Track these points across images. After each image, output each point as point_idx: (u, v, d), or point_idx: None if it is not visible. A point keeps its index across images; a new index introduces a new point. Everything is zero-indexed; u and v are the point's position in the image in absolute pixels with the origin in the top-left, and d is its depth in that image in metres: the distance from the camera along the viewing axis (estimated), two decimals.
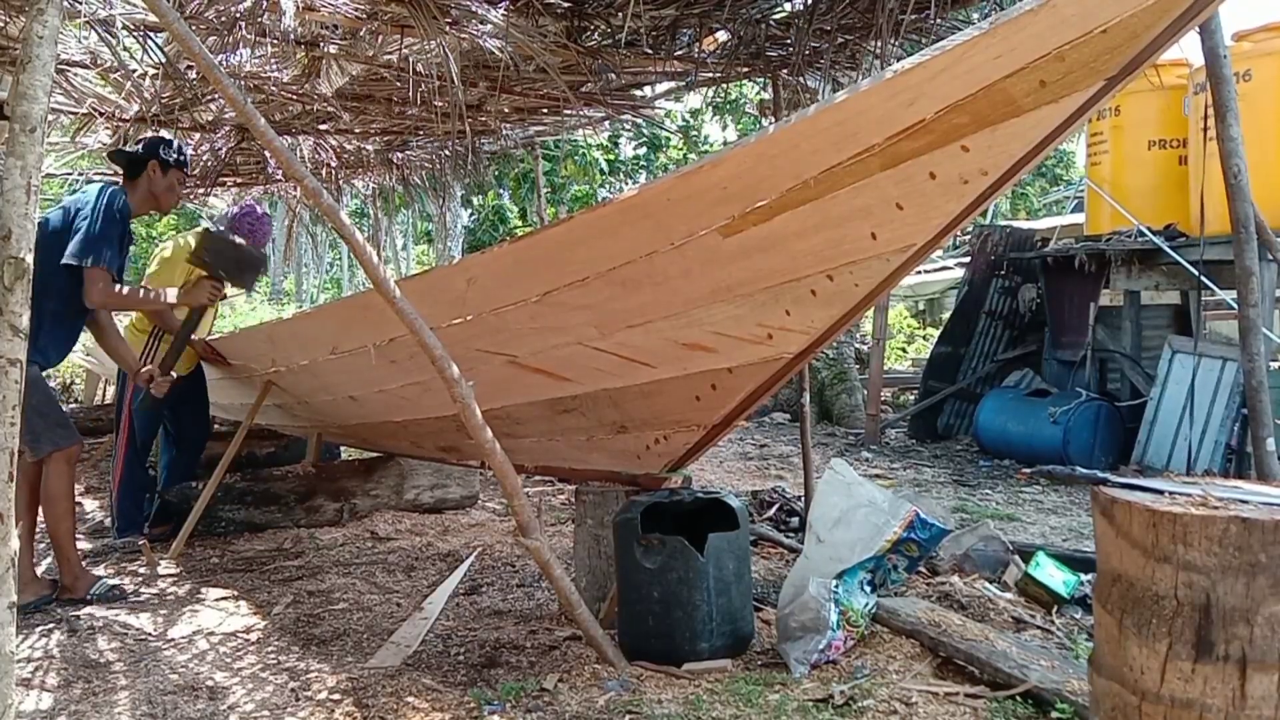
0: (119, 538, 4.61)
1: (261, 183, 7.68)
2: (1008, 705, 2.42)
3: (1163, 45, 1.86)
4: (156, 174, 3.99)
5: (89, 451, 6.66)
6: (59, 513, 3.73)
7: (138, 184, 4.00)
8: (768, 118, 6.77)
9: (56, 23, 1.89)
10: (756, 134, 2.44)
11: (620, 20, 4.07)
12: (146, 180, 4.01)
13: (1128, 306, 7.33)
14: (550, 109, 5.92)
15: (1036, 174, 23.43)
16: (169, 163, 4.02)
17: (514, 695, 2.54)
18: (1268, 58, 6.11)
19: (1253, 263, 3.96)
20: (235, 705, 2.65)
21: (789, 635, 2.79)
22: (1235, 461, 5.82)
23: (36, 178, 1.83)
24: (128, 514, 4.70)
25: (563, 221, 2.98)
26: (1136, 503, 1.82)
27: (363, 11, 3.96)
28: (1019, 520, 5.06)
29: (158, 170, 4.00)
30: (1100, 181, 7.47)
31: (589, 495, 3.34)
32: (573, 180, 18.11)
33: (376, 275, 2.54)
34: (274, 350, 4.66)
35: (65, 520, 3.76)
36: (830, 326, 2.53)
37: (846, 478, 3.13)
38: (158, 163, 3.99)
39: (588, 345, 2.98)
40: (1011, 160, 2.06)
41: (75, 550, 3.82)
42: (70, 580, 3.74)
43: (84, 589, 3.73)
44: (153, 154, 4.00)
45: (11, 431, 1.79)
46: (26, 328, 1.84)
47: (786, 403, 9.90)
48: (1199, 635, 1.71)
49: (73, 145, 6.20)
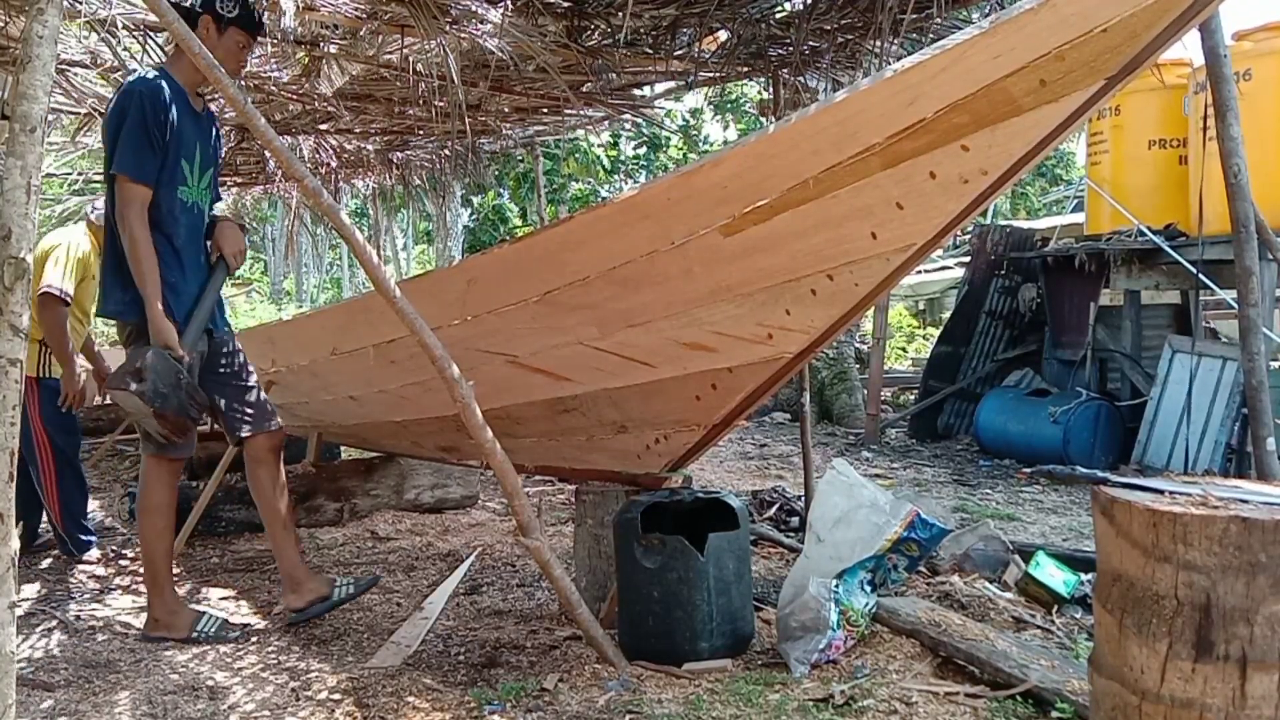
0: (81, 553, 4.24)
1: (261, 182, 7.68)
2: (1008, 705, 2.42)
3: (1163, 45, 1.86)
4: (211, 32, 3.07)
5: (89, 451, 6.66)
6: (158, 528, 3.23)
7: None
8: (768, 117, 6.78)
9: (56, 23, 1.89)
10: (756, 134, 2.44)
11: (620, 20, 4.07)
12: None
13: (1128, 306, 7.33)
14: (550, 109, 5.92)
15: (1036, 174, 23.41)
16: (226, 18, 3.12)
17: (514, 695, 2.54)
18: (1268, 57, 6.11)
19: (1253, 262, 3.96)
20: (235, 705, 2.65)
21: (789, 635, 2.79)
22: (1235, 461, 5.82)
23: (36, 178, 1.83)
24: (77, 530, 4.28)
25: (563, 221, 2.99)
26: (1137, 502, 1.82)
27: (363, 11, 3.96)
28: (1019, 520, 5.06)
29: (212, 28, 3.10)
30: (1100, 181, 7.47)
31: (589, 495, 3.34)
32: (573, 179, 18.10)
33: (376, 275, 2.54)
34: (274, 350, 4.66)
35: (163, 539, 3.25)
36: (830, 326, 2.53)
37: (847, 477, 3.13)
38: (212, 18, 3.10)
39: (588, 345, 2.98)
40: (1011, 160, 2.06)
41: (171, 577, 3.29)
42: (164, 614, 3.22)
43: (185, 627, 3.20)
44: (208, 7, 3.12)
45: (11, 431, 1.79)
46: (27, 327, 1.85)
47: (786, 402, 9.90)
48: (1199, 635, 1.71)
49: (73, 145, 6.21)
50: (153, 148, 3.01)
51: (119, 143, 3.00)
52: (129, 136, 2.99)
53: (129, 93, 3.04)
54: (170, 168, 3.06)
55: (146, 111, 3.00)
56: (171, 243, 3.09)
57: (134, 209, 2.99)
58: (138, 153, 2.99)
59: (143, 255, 2.96)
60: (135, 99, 3.01)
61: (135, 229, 2.99)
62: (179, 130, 3.06)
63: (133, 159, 2.99)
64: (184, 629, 3.19)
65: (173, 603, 3.26)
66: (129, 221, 2.99)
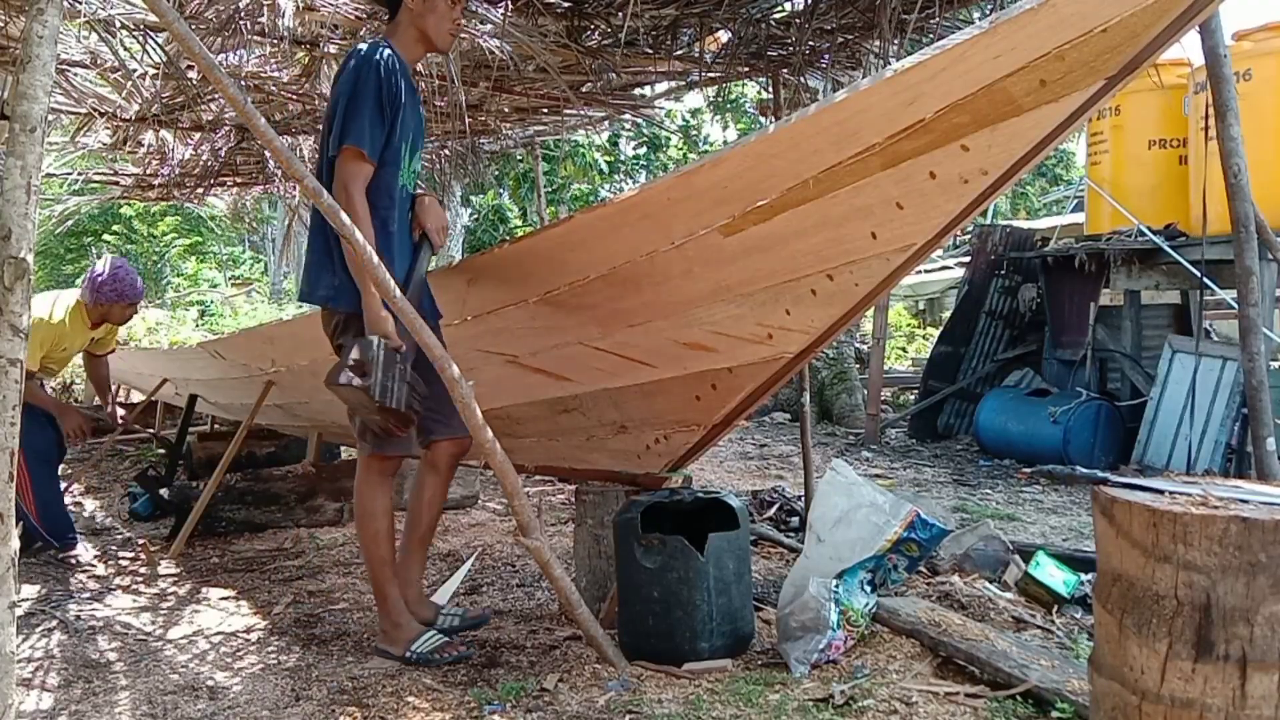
0: (64, 549, 4.27)
1: (261, 182, 7.69)
2: (1008, 705, 2.42)
3: (1163, 45, 1.86)
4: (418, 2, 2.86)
5: (89, 451, 6.66)
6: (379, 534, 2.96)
7: (399, 24, 2.91)
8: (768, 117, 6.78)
9: (56, 23, 1.89)
10: (756, 134, 2.44)
11: (620, 20, 4.07)
12: (407, 14, 2.89)
13: (1128, 306, 7.33)
14: (550, 109, 5.92)
15: (1036, 174, 23.41)
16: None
17: (514, 695, 2.54)
18: (1268, 57, 6.11)
19: (1253, 262, 3.96)
20: (235, 705, 2.65)
21: (789, 635, 2.79)
22: (1235, 461, 5.82)
23: (36, 178, 1.83)
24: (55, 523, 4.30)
25: (563, 221, 2.99)
26: (1137, 502, 1.82)
27: (363, 11, 3.96)
28: (1019, 520, 5.06)
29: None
30: (1100, 181, 7.47)
31: (589, 495, 3.34)
32: (573, 180, 18.11)
33: (377, 275, 2.54)
34: (274, 350, 4.66)
35: (384, 545, 2.97)
36: (830, 326, 2.53)
37: (847, 478, 3.13)
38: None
39: (588, 345, 2.98)
40: (1011, 160, 2.06)
41: (395, 586, 2.98)
42: (388, 626, 2.94)
43: (402, 644, 2.89)
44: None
45: (11, 431, 1.79)
46: (27, 327, 1.85)
47: (786, 403, 9.90)
48: (1199, 635, 1.71)
49: (73, 145, 6.20)
50: (383, 123, 2.76)
51: (350, 113, 2.72)
52: (363, 107, 2.72)
53: (367, 60, 2.76)
54: (394, 147, 2.83)
55: (383, 84, 2.73)
56: (387, 227, 2.83)
57: (358, 185, 2.73)
58: (372, 126, 2.73)
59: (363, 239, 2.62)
60: (373, 69, 2.74)
61: (360, 208, 2.70)
62: (404, 109, 2.82)
63: (366, 132, 2.72)
64: (400, 646, 2.89)
65: (396, 615, 2.93)
66: (354, 200, 2.70)
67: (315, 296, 2.92)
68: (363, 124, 2.71)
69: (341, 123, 2.73)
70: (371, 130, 2.73)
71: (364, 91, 2.72)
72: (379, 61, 2.74)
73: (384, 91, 2.74)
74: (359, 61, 2.76)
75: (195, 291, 15.53)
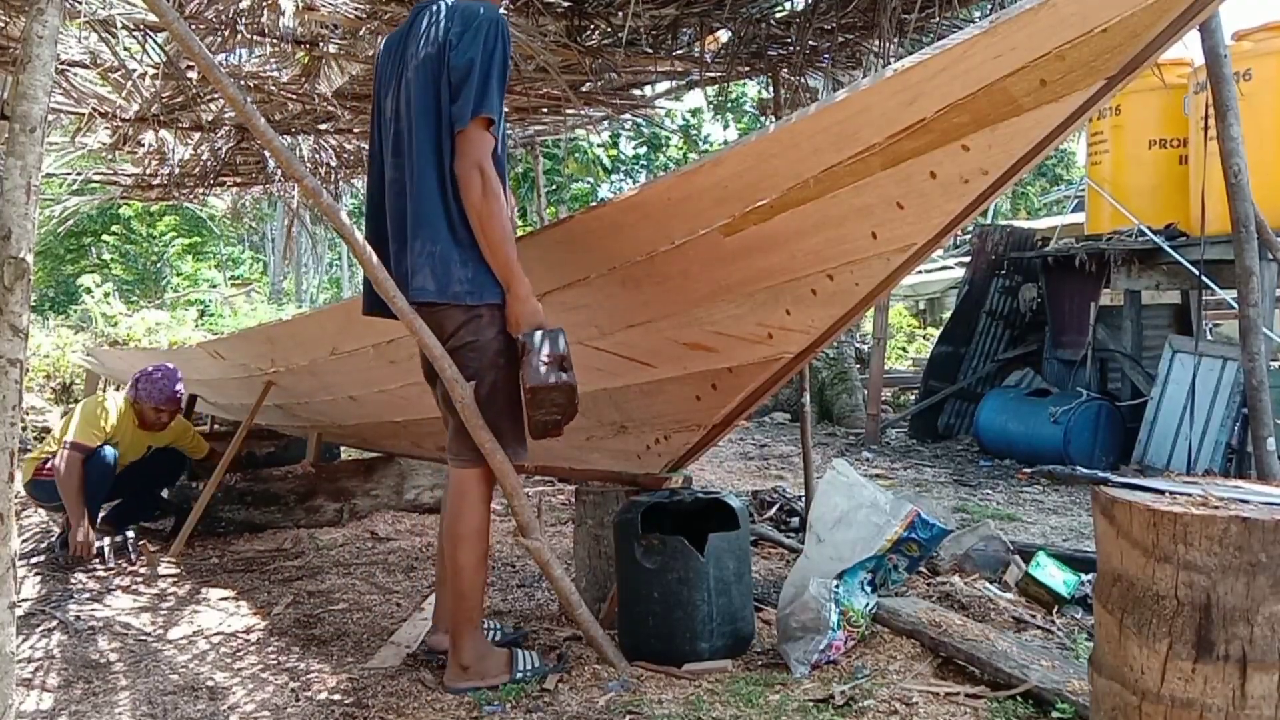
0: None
1: (261, 182, 7.68)
2: (1008, 705, 2.42)
3: (1163, 45, 1.85)
4: None
5: None
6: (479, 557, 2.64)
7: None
8: (768, 117, 6.77)
9: (56, 23, 1.89)
10: (757, 133, 2.44)
11: (620, 19, 4.07)
12: None
13: (1128, 306, 7.33)
14: (550, 108, 5.92)
15: (1037, 173, 23.43)
16: None
17: (514, 695, 2.54)
18: (1268, 57, 6.11)
19: (1253, 262, 3.96)
20: (235, 705, 2.65)
21: (789, 635, 2.79)
22: (1236, 461, 5.82)
23: (36, 178, 1.83)
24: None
25: (563, 221, 2.98)
26: (1137, 502, 1.82)
27: (363, 11, 3.96)
28: (1019, 520, 5.06)
29: None
30: (1100, 181, 7.47)
31: (589, 495, 3.34)
32: (573, 179, 18.14)
33: (376, 275, 2.53)
34: (274, 350, 4.66)
35: (481, 570, 2.66)
36: (830, 326, 2.53)
37: (848, 478, 3.13)
38: None
39: (588, 345, 2.98)
40: (1012, 160, 2.06)
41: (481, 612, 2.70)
42: (474, 659, 2.61)
43: (502, 669, 2.62)
44: None
45: (12, 431, 1.79)
46: (27, 327, 1.84)
47: (786, 403, 9.90)
48: (1199, 635, 1.71)
49: (73, 145, 6.20)
50: (503, 92, 2.48)
51: (487, 80, 2.40)
52: (497, 74, 2.42)
53: (497, 23, 2.45)
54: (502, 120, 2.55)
55: (508, 50, 2.46)
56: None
57: (490, 162, 2.41)
58: (500, 97, 2.45)
59: (504, 221, 2.36)
60: (505, 34, 2.45)
61: (498, 187, 2.40)
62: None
63: (498, 102, 2.43)
64: (502, 672, 2.61)
65: (483, 645, 2.67)
66: (489, 179, 2.40)
67: (446, 293, 2.51)
68: (496, 92, 2.42)
69: (479, 91, 2.39)
70: (501, 100, 2.46)
71: (499, 58, 2.42)
72: (506, 25, 2.48)
73: (507, 58, 2.47)
74: (491, 24, 2.44)
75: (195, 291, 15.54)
